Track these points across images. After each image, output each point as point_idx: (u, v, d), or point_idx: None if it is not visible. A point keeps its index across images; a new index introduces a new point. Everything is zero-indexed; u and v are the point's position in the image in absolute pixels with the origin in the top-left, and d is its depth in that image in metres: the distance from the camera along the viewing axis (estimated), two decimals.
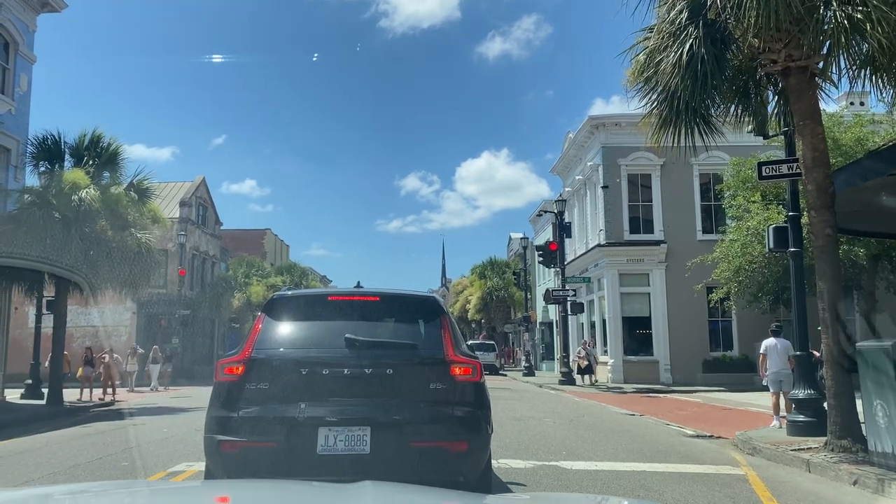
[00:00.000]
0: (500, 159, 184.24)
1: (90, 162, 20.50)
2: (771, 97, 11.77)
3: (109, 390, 23.67)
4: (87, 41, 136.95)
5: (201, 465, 7.18)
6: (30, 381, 22.18)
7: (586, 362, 27.89)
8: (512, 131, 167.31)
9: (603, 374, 28.81)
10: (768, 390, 13.90)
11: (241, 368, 5.49)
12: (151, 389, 27.96)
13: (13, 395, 21.63)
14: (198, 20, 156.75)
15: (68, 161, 20.61)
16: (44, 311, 21.72)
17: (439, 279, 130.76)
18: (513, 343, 57.34)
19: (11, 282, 18.54)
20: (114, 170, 20.99)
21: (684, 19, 9.89)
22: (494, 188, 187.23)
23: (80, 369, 24.01)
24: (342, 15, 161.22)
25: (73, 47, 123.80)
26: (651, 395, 24.19)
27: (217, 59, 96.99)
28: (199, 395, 17.46)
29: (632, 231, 29.96)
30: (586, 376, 28.02)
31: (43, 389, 20.94)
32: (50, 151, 20.41)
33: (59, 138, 20.50)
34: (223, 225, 49.74)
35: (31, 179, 21.31)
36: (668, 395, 23.84)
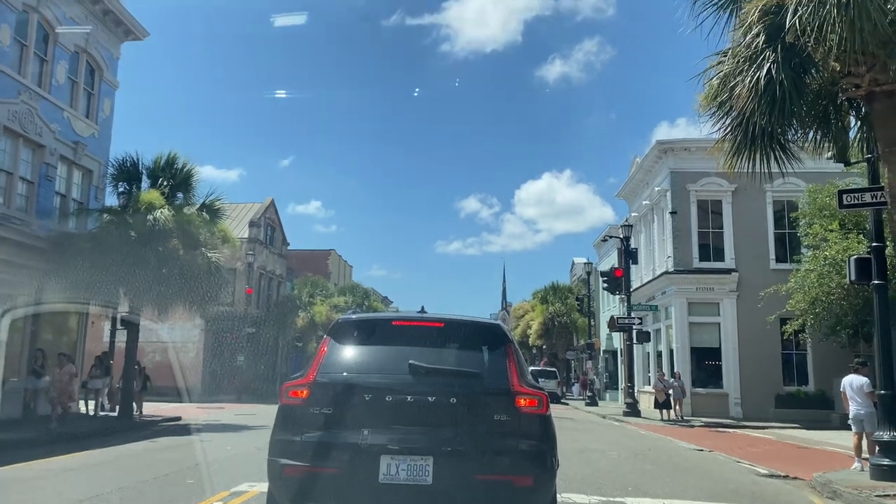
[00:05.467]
0: (561, 181, 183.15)
1: (165, 183, 21.29)
2: (853, 122, 11.34)
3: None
4: (164, 67, 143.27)
5: (264, 486, 7.19)
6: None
7: (664, 396, 26.06)
8: (574, 154, 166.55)
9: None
10: (849, 429, 13.19)
11: (305, 392, 5.45)
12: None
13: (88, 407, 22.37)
14: (263, 48, 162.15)
15: (145, 182, 21.39)
16: (118, 326, 22.51)
17: (499, 302, 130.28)
18: (575, 370, 56.18)
19: (89, 297, 19.25)
20: (187, 191, 21.74)
21: (761, 43, 9.60)
22: (556, 211, 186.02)
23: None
24: (403, 40, 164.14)
25: (150, 73, 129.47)
26: (720, 429, 23.32)
27: (281, 93, 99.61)
28: (264, 413, 17.73)
29: (701, 258, 29.18)
30: (664, 411, 25.87)
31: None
32: (129, 173, 21.24)
33: (138, 160, 21.33)
34: (290, 245, 50.76)
35: (111, 199, 22.20)
36: (738, 431, 22.96)
